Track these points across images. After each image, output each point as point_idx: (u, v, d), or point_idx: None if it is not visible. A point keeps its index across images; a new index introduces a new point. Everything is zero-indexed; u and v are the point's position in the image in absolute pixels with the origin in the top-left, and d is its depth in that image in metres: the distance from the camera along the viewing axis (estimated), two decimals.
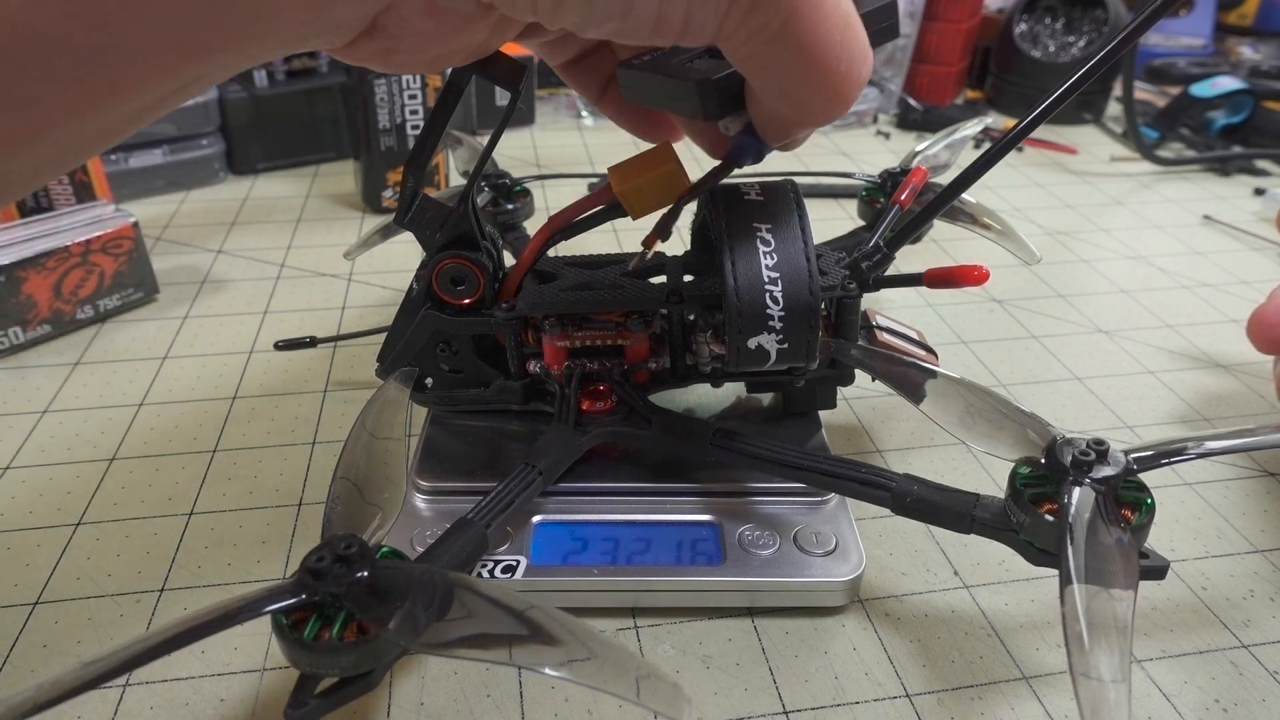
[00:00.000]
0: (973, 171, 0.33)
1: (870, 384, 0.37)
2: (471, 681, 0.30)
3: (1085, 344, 0.51)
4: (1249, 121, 0.81)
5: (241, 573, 0.35)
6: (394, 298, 0.54)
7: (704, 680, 0.31)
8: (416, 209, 0.34)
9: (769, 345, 0.31)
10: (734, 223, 0.31)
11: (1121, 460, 0.28)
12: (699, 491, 0.36)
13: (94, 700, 0.29)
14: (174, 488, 0.39)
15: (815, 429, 0.39)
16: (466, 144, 0.55)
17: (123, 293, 0.52)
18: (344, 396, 0.45)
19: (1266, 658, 0.32)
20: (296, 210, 0.66)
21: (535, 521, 0.34)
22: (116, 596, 0.34)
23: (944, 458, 0.42)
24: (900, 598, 0.34)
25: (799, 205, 0.32)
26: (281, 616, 0.24)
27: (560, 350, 0.36)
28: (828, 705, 0.30)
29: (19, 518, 0.37)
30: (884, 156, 0.79)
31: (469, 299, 0.35)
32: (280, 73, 0.70)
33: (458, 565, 0.29)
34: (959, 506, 0.30)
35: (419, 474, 0.36)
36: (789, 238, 0.31)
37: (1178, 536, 0.38)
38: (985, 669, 0.31)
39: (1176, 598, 0.35)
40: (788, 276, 0.30)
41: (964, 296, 0.56)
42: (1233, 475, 0.41)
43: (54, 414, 0.44)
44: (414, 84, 0.62)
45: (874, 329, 0.40)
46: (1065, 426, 0.44)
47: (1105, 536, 0.26)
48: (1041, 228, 0.66)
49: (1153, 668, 0.32)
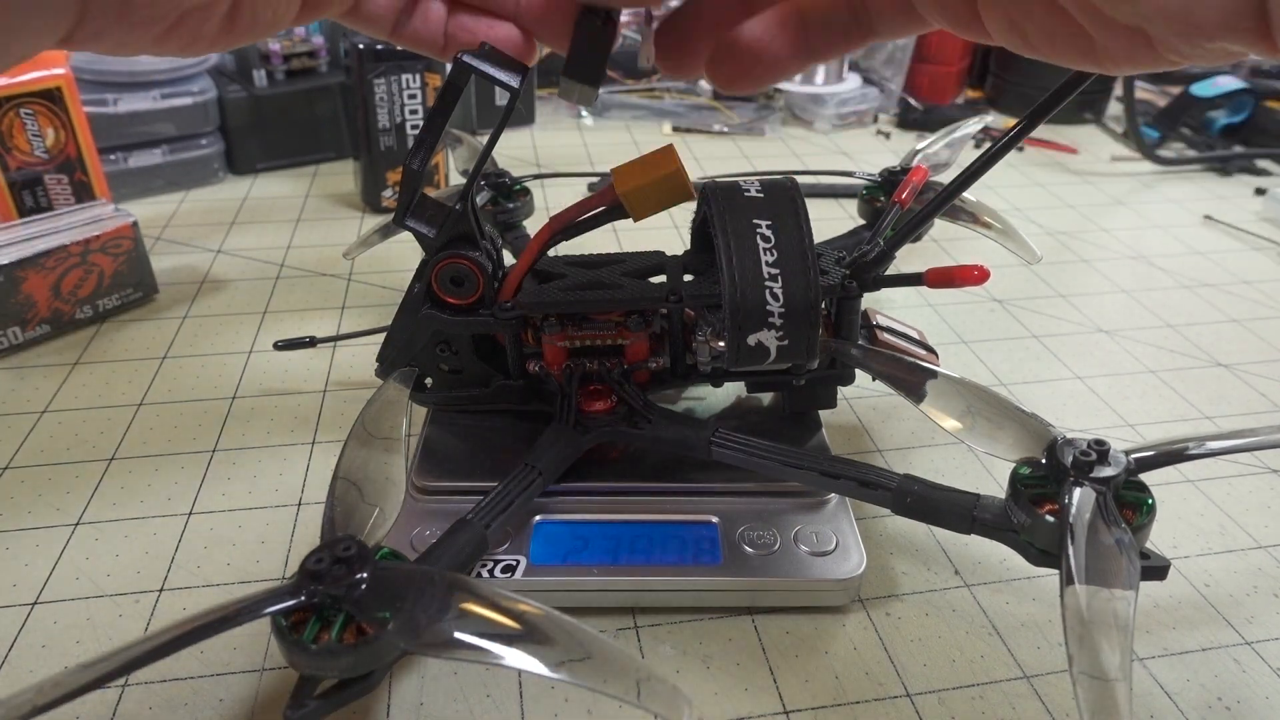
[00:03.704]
0: (973, 171, 0.33)
1: (870, 384, 0.37)
2: (471, 681, 0.30)
3: (1086, 343, 0.51)
4: (1250, 121, 0.81)
5: (241, 573, 0.35)
6: (394, 298, 0.54)
7: (704, 680, 0.31)
8: (416, 209, 0.34)
9: (769, 342, 0.31)
10: (734, 219, 0.31)
11: (1122, 460, 0.28)
12: (699, 491, 0.36)
13: (93, 700, 0.29)
14: (173, 488, 0.39)
15: (815, 429, 0.39)
16: (466, 143, 0.55)
17: (122, 292, 0.52)
18: (344, 396, 0.45)
19: (1270, 655, 0.32)
20: (296, 210, 0.66)
21: (535, 521, 0.34)
22: (115, 596, 0.34)
23: (944, 458, 0.42)
24: (901, 597, 0.34)
25: (799, 202, 0.31)
26: (281, 618, 0.24)
27: (560, 350, 0.36)
28: (828, 705, 0.30)
29: (18, 518, 0.37)
30: (884, 156, 0.79)
31: (469, 299, 0.35)
32: (280, 72, 0.70)
33: (457, 566, 0.29)
34: (959, 507, 0.30)
35: (419, 474, 0.36)
36: (789, 234, 0.31)
37: (1180, 533, 0.38)
38: (986, 668, 0.31)
39: (1179, 595, 0.35)
40: (788, 273, 0.30)
41: (964, 296, 0.56)
42: (1235, 472, 0.41)
43: (53, 414, 0.44)
44: (414, 84, 0.61)
45: (874, 329, 0.40)
46: (1066, 426, 0.44)
47: (1106, 537, 0.26)
48: (1042, 227, 0.66)
49: (1155, 665, 0.32)
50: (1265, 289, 0.58)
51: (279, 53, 0.69)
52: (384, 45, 0.61)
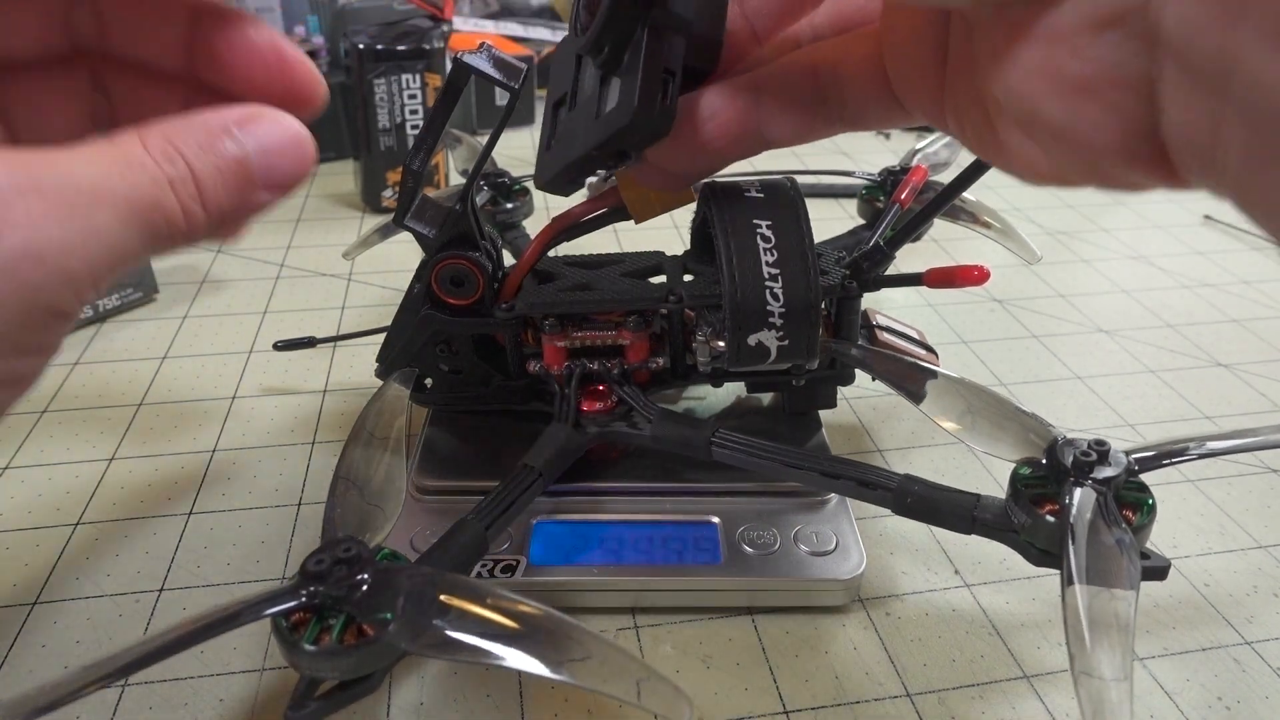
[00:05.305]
0: (973, 170, 0.33)
1: (870, 384, 0.37)
2: (471, 681, 0.30)
3: (1086, 343, 0.51)
4: None
5: (240, 573, 0.35)
6: (394, 298, 0.54)
7: (704, 680, 0.31)
8: (416, 209, 0.33)
9: (769, 342, 0.31)
10: (734, 219, 0.31)
11: (1123, 460, 0.28)
12: (699, 491, 0.36)
13: (93, 700, 0.29)
14: (173, 488, 0.39)
15: (815, 429, 0.39)
16: (466, 143, 0.55)
17: (121, 292, 0.52)
18: (344, 396, 0.45)
19: (1270, 654, 0.32)
20: (296, 210, 0.66)
21: (535, 521, 0.34)
22: (115, 596, 0.34)
23: (944, 458, 0.42)
24: (901, 597, 0.34)
25: (799, 202, 0.31)
26: (282, 619, 0.24)
27: (560, 350, 0.36)
28: (828, 705, 0.30)
29: (18, 518, 0.37)
30: (884, 155, 0.79)
31: (469, 299, 0.35)
32: None
33: (458, 566, 0.29)
34: (960, 507, 0.30)
35: (419, 474, 0.36)
36: (789, 234, 0.31)
37: (1180, 533, 0.38)
38: (986, 668, 0.31)
39: (1179, 594, 0.35)
40: (788, 273, 0.30)
41: (964, 296, 0.56)
42: (1235, 472, 0.41)
43: (53, 414, 0.44)
44: (414, 84, 0.61)
45: (874, 328, 0.40)
46: (1066, 426, 0.44)
47: (1106, 537, 0.26)
48: (1042, 227, 0.66)
49: (1155, 665, 0.32)
50: (1265, 289, 0.58)
51: None
52: (384, 45, 0.61)
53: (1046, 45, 0.18)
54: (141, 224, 0.21)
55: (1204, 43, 0.15)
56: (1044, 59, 0.18)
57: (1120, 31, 0.16)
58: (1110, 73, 0.17)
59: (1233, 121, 0.15)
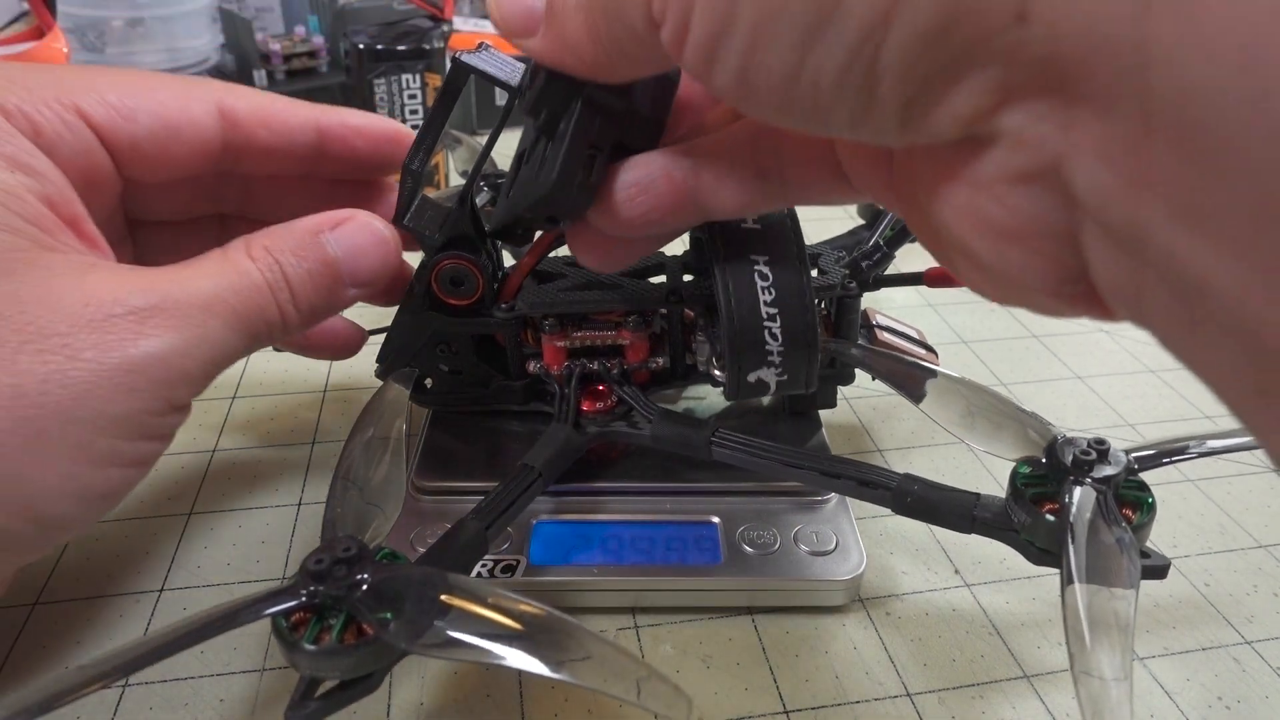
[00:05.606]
0: None
1: (870, 384, 0.37)
2: (471, 681, 0.30)
3: (1086, 343, 0.51)
4: None
5: (241, 573, 0.35)
6: None
7: (704, 680, 0.31)
8: (415, 209, 0.34)
9: (768, 378, 0.31)
10: (730, 255, 0.30)
11: (1122, 459, 0.28)
12: (699, 491, 0.36)
13: (93, 700, 0.29)
14: (173, 487, 0.39)
15: (815, 429, 0.39)
16: (466, 144, 0.55)
17: None
18: (344, 396, 0.45)
19: (1270, 654, 0.32)
20: None
21: (535, 521, 0.34)
22: (115, 596, 0.34)
23: (944, 457, 0.42)
24: (901, 597, 0.34)
25: (797, 236, 0.31)
26: (282, 619, 0.24)
27: (560, 350, 0.36)
28: (828, 705, 0.30)
29: None
30: None
31: (469, 300, 0.35)
32: (280, 73, 0.70)
33: (458, 566, 0.29)
34: (959, 506, 0.30)
35: (419, 474, 0.36)
36: (787, 271, 0.30)
37: (1180, 532, 0.38)
38: (986, 668, 0.31)
39: (1179, 594, 0.35)
40: (786, 311, 0.30)
41: (964, 296, 0.56)
42: (1235, 471, 0.41)
43: None
44: (414, 84, 0.61)
45: (874, 328, 0.40)
46: (1066, 425, 0.43)
47: (1106, 536, 0.26)
48: None
49: (1155, 665, 0.32)
50: None
51: (279, 53, 0.69)
52: (384, 45, 0.61)
53: (971, 190, 0.17)
54: (245, 328, 0.26)
55: (1115, 212, 0.15)
56: (969, 201, 0.18)
57: (1039, 186, 0.16)
58: (1033, 224, 0.17)
59: (1154, 285, 0.15)
